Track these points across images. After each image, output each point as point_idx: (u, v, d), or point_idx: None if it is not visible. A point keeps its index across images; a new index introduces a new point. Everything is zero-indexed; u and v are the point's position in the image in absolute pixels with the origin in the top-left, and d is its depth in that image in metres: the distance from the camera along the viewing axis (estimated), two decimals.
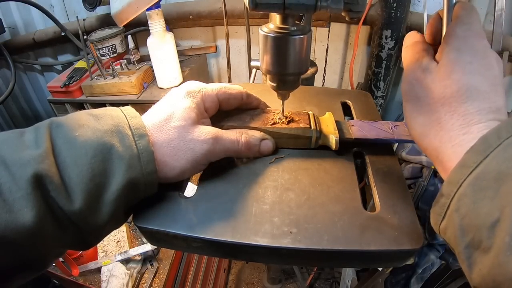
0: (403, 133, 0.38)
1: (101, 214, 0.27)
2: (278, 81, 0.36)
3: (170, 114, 0.31)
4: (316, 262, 0.31)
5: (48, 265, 0.28)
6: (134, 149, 0.28)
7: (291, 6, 0.28)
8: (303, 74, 0.36)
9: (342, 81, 1.38)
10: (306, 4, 0.28)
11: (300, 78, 0.37)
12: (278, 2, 0.27)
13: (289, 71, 0.34)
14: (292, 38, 0.31)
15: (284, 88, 0.36)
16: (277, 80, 0.36)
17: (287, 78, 0.35)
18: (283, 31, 0.31)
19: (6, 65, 1.47)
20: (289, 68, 0.33)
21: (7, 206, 0.22)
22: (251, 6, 0.27)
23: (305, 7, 0.28)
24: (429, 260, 0.94)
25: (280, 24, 0.32)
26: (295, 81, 0.36)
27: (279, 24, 0.32)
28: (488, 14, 1.04)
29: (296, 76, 0.36)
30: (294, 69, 0.34)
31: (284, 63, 0.33)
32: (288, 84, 0.36)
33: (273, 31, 0.32)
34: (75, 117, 0.28)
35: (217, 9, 1.18)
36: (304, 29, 0.32)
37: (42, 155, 0.24)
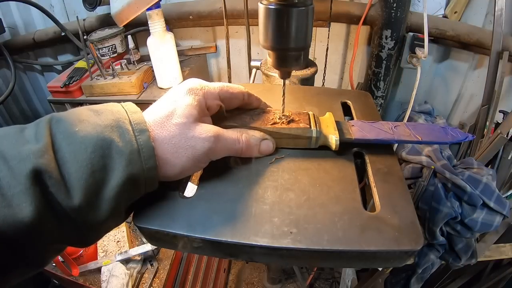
0: (403, 134, 0.38)
1: (100, 210, 0.26)
2: (280, 57, 0.34)
3: (171, 111, 0.31)
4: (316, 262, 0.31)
5: (47, 261, 0.28)
6: (134, 144, 0.28)
7: None
8: (305, 49, 0.34)
9: (342, 81, 1.38)
10: None
11: (302, 55, 0.35)
12: None
13: (291, 45, 0.32)
14: (294, 10, 0.30)
15: (285, 65, 0.35)
16: (278, 56, 0.34)
17: (288, 54, 0.34)
18: (284, 2, 0.30)
19: (6, 65, 1.47)
20: (291, 42, 0.32)
21: (6, 201, 0.22)
22: None
23: None
24: (429, 260, 0.94)
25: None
26: (297, 57, 0.34)
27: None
28: (488, 14, 1.04)
29: (298, 52, 0.34)
30: (296, 43, 0.32)
31: (286, 37, 0.32)
32: (290, 61, 0.35)
33: (274, 2, 0.30)
34: (75, 113, 0.28)
35: (217, 9, 1.18)
36: (305, 1, 0.31)
37: (41, 150, 0.24)
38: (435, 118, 1.18)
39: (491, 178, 0.87)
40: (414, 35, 1.05)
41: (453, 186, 0.87)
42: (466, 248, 0.90)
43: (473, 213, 0.84)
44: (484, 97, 1.03)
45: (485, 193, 0.84)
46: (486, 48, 1.02)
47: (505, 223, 1.00)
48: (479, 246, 0.99)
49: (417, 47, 1.04)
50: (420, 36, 1.03)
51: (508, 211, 0.85)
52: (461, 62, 1.18)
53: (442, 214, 0.86)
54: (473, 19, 1.07)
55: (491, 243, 1.01)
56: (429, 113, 1.19)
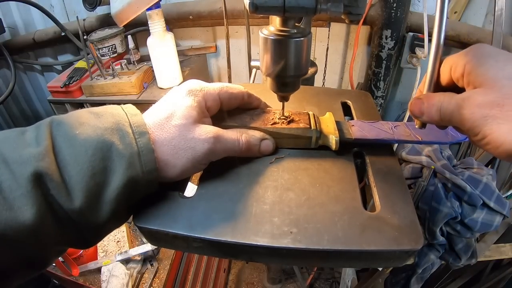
0: (403, 134, 0.38)
1: (101, 212, 0.26)
2: (279, 83, 0.36)
3: (171, 113, 0.31)
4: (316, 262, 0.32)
5: (48, 263, 0.28)
6: (135, 147, 0.28)
7: (291, 9, 0.28)
8: (303, 76, 0.36)
9: (342, 81, 1.38)
10: (306, 7, 0.28)
11: (300, 80, 0.37)
12: (278, 5, 0.28)
13: (289, 73, 0.34)
14: (292, 41, 0.31)
15: (284, 90, 0.36)
16: (277, 82, 0.36)
17: (287, 80, 0.35)
18: (283, 33, 0.32)
19: (6, 65, 1.47)
20: (289, 70, 0.34)
21: (7, 204, 0.22)
22: (251, 9, 0.28)
23: (305, 10, 0.28)
24: (429, 260, 0.94)
25: (280, 26, 0.32)
26: (295, 83, 0.36)
27: (279, 26, 0.32)
28: (488, 14, 1.04)
29: (296, 78, 0.36)
30: (295, 72, 0.34)
31: (285, 66, 0.33)
32: (288, 86, 0.36)
33: (273, 33, 0.32)
34: (75, 115, 0.28)
35: (217, 9, 1.18)
36: (304, 32, 0.32)
37: (42, 153, 0.24)
38: None
39: (491, 178, 0.87)
40: (414, 35, 1.05)
41: (453, 186, 0.87)
42: (466, 248, 0.90)
43: (473, 213, 0.84)
44: None
45: (485, 193, 0.84)
46: None
47: (505, 223, 1.00)
48: (479, 246, 0.99)
49: (417, 47, 1.04)
50: (420, 36, 1.03)
51: (508, 211, 0.85)
52: None
53: (442, 214, 0.86)
54: (473, 19, 1.07)
55: (491, 243, 1.02)
56: None
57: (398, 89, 1.33)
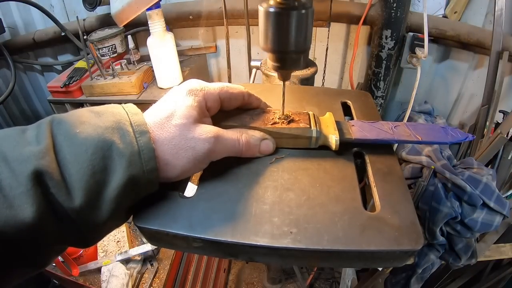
0: (403, 134, 0.38)
1: (101, 211, 0.26)
2: (279, 60, 0.34)
3: (171, 112, 0.31)
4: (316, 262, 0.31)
5: (48, 262, 0.28)
6: (135, 146, 0.28)
7: None
8: (305, 52, 0.34)
9: (342, 81, 1.38)
10: None
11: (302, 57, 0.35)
12: None
13: (290, 48, 0.32)
14: (293, 13, 0.30)
15: (285, 67, 0.35)
16: (278, 59, 0.34)
17: (288, 56, 0.34)
18: (283, 6, 0.30)
19: (6, 65, 1.47)
20: (291, 45, 0.32)
21: (7, 202, 0.22)
22: None
23: None
24: (429, 260, 0.94)
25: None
26: (297, 59, 0.35)
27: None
28: (488, 14, 1.04)
29: (298, 54, 0.34)
30: (296, 46, 0.32)
31: (286, 40, 0.32)
32: (290, 63, 0.35)
33: (273, 5, 0.31)
34: (76, 114, 0.28)
35: (217, 9, 1.18)
36: (305, 4, 0.31)
37: (42, 151, 0.24)
38: (435, 118, 1.18)
39: (491, 178, 0.87)
40: (414, 35, 1.05)
41: (453, 186, 0.87)
42: (466, 248, 0.90)
43: (473, 213, 0.84)
44: (484, 97, 1.03)
45: (485, 193, 0.84)
46: (486, 48, 1.02)
47: (505, 223, 1.00)
48: (479, 246, 0.99)
49: (417, 47, 1.04)
50: (420, 36, 1.03)
51: (508, 211, 0.85)
52: (461, 62, 1.18)
53: (442, 214, 0.86)
54: (473, 19, 1.07)
55: (491, 243, 1.02)
56: (429, 113, 1.19)
57: (398, 89, 1.33)
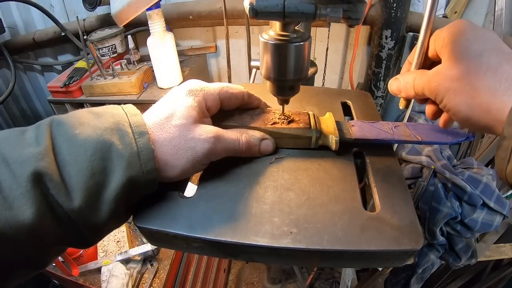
0: (404, 134, 0.38)
1: (100, 212, 0.27)
2: (279, 87, 0.36)
3: (171, 113, 0.31)
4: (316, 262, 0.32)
5: (48, 262, 0.28)
6: (134, 147, 0.28)
7: (291, 15, 0.28)
8: (303, 80, 0.36)
9: (342, 81, 1.38)
10: (305, 13, 0.28)
11: (300, 83, 0.37)
12: (278, 10, 0.28)
13: (289, 77, 0.34)
14: (291, 45, 0.32)
15: (284, 93, 0.37)
16: (277, 86, 0.36)
17: (287, 84, 0.36)
18: (283, 38, 0.32)
19: (6, 65, 1.47)
20: (289, 74, 0.34)
21: (7, 203, 0.22)
22: (251, 14, 0.28)
23: (305, 15, 0.28)
24: (429, 260, 0.94)
25: (280, 31, 0.32)
26: (295, 86, 0.36)
27: (279, 31, 0.32)
28: (488, 14, 1.04)
29: (296, 82, 0.36)
30: (294, 76, 0.34)
31: (284, 70, 0.33)
32: (289, 90, 0.36)
33: (273, 38, 0.32)
34: (76, 115, 0.28)
35: (217, 9, 1.18)
36: (303, 36, 0.33)
37: (42, 152, 0.24)
38: None
39: (491, 178, 0.87)
40: (414, 35, 1.05)
41: (453, 186, 0.87)
42: (466, 248, 0.90)
43: (473, 213, 0.84)
44: None
45: (485, 193, 0.84)
46: None
47: (505, 223, 1.00)
48: (479, 246, 0.99)
49: None
50: None
51: (508, 211, 0.85)
52: None
53: (442, 214, 0.86)
54: (473, 19, 1.07)
55: (491, 243, 1.02)
56: None
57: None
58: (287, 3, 0.28)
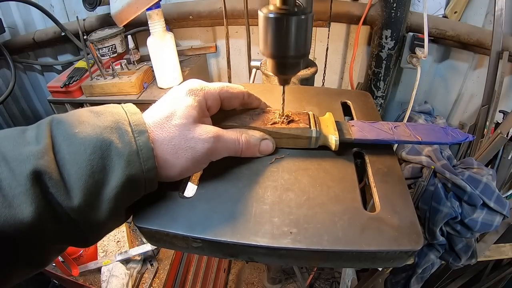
0: (404, 134, 0.38)
1: (100, 211, 0.27)
2: (279, 65, 0.35)
3: (171, 112, 0.31)
4: (316, 262, 0.31)
5: (48, 261, 0.28)
6: (134, 146, 0.28)
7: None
8: (304, 57, 0.34)
9: (342, 81, 1.38)
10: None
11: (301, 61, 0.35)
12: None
13: (290, 53, 0.32)
14: (292, 18, 0.30)
15: (285, 72, 0.35)
16: (278, 64, 0.34)
17: (288, 61, 0.34)
18: (283, 11, 0.31)
19: (6, 65, 1.47)
20: (290, 50, 0.32)
21: (7, 202, 0.23)
22: None
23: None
24: (429, 260, 0.94)
25: (280, 5, 0.31)
26: (296, 64, 0.35)
27: (279, 5, 0.31)
28: (488, 14, 1.04)
29: (297, 59, 0.34)
30: (296, 51, 0.32)
31: (285, 45, 0.32)
32: (289, 68, 0.35)
33: (273, 11, 0.31)
34: (76, 114, 0.28)
35: (217, 9, 1.18)
36: (305, 10, 0.31)
37: (41, 151, 0.24)
38: (435, 118, 1.18)
39: (491, 178, 0.87)
40: (414, 35, 1.05)
41: (453, 186, 0.87)
42: (466, 248, 0.90)
43: (473, 213, 0.84)
44: (484, 97, 1.03)
45: (485, 193, 0.84)
46: (486, 48, 1.02)
47: (505, 223, 1.00)
48: (479, 246, 0.99)
49: (417, 47, 1.04)
50: (420, 36, 1.03)
51: (508, 211, 0.85)
52: (461, 62, 1.18)
53: (442, 214, 0.86)
54: (473, 19, 1.07)
55: (491, 243, 1.02)
56: (429, 113, 1.19)
57: (398, 89, 1.33)
58: None
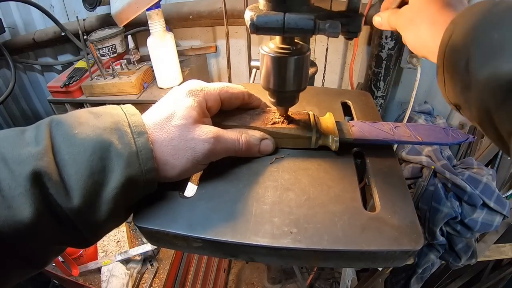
0: (404, 134, 0.38)
1: (99, 211, 0.27)
2: (278, 97, 0.37)
3: (171, 113, 0.31)
4: (316, 262, 0.31)
5: (47, 262, 0.29)
6: (133, 147, 0.28)
7: (291, 30, 0.29)
8: (301, 91, 0.37)
9: (342, 81, 1.38)
10: (305, 29, 0.29)
11: (299, 94, 0.38)
12: (278, 26, 0.29)
13: (288, 88, 0.35)
14: (291, 59, 0.33)
15: (283, 104, 0.38)
16: (276, 97, 0.37)
17: (286, 95, 0.36)
18: (283, 51, 0.33)
19: (6, 65, 1.47)
20: (289, 86, 0.35)
21: (6, 202, 0.23)
22: (252, 29, 0.29)
23: (304, 31, 0.29)
24: (429, 260, 0.94)
25: (280, 43, 0.33)
26: (294, 97, 0.37)
27: (279, 43, 0.33)
28: None
29: (295, 93, 0.37)
30: (293, 87, 0.35)
31: (284, 82, 0.34)
32: (287, 100, 0.37)
33: (273, 51, 0.33)
34: (75, 115, 0.28)
35: (217, 9, 1.18)
36: (303, 48, 0.33)
37: (41, 152, 0.25)
38: (435, 118, 1.18)
39: (491, 178, 0.87)
40: None
41: (453, 186, 0.87)
42: (466, 248, 0.90)
43: (473, 213, 0.84)
44: None
45: (485, 193, 0.84)
46: None
47: (505, 223, 1.00)
48: (479, 246, 0.99)
49: None
50: None
51: (508, 211, 0.85)
52: None
53: (442, 214, 0.86)
54: None
55: (491, 243, 1.02)
56: (429, 113, 1.19)
57: (398, 89, 1.33)
58: (286, 19, 0.28)
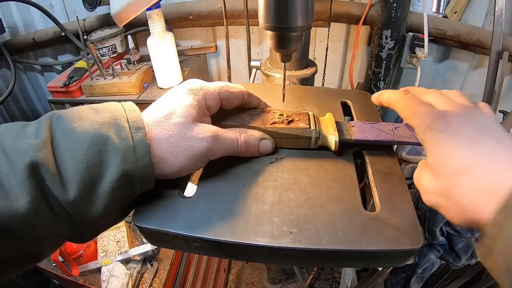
0: (404, 135, 0.38)
1: (95, 205, 0.27)
2: (280, 39, 0.33)
3: (171, 111, 0.31)
4: (316, 262, 0.31)
5: (44, 255, 0.29)
6: (130, 141, 0.28)
7: None
8: (307, 29, 0.32)
9: (342, 81, 1.38)
10: None
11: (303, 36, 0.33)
12: None
13: (292, 24, 0.31)
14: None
15: (286, 46, 0.33)
16: (279, 37, 0.33)
17: (290, 34, 0.32)
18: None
19: (6, 65, 1.47)
20: (292, 21, 0.31)
21: (4, 192, 0.23)
22: None
23: None
24: (429, 260, 0.94)
25: None
26: (298, 38, 0.33)
27: None
28: (488, 14, 1.04)
29: (299, 32, 0.33)
30: (298, 22, 0.31)
31: (287, 16, 0.30)
32: (291, 42, 0.33)
33: None
34: (76, 110, 0.29)
35: (217, 9, 1.18)
36: None
37: (40, 144, 0.25)
38: None
39: None
40: (414, 35, 1.05)
41: None
42: (466, 248, 0.90)
43: None
44: (484, 97, 1.03)
45: None
46: (486, 48, 1.02)
47: None
48: None
49: (417, 47, 1.04)
50: (420, 36, 1.03)
51: None
52: (461, 62, 1.18)
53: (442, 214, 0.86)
54: (473, 19, 1.07)
55: None
56: None
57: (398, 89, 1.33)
58: None
